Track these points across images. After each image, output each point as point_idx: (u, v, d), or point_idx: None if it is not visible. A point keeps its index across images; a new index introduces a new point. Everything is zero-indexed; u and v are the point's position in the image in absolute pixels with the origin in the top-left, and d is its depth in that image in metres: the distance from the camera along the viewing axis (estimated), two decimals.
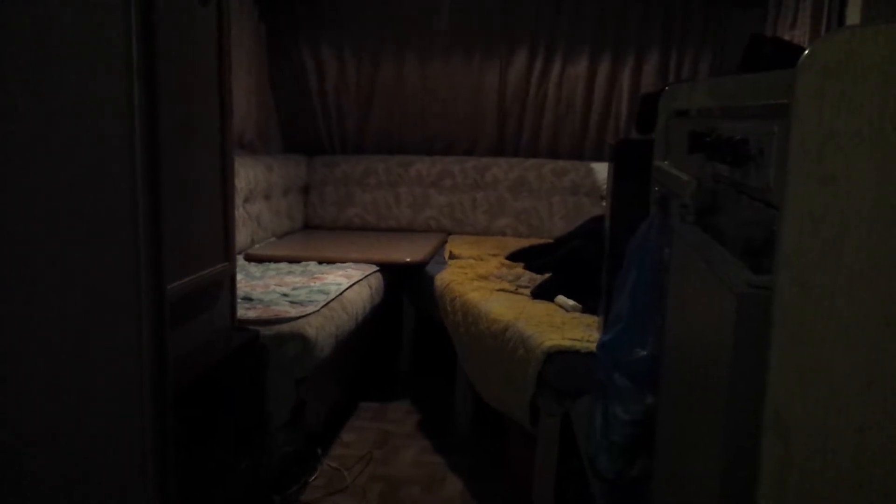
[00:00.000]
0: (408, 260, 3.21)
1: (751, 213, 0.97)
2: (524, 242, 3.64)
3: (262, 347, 2.16)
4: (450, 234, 3.95)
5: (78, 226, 1.18)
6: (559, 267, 2.71)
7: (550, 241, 3.29)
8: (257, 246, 3.38)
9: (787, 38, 3.07)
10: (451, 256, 3.27)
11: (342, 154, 4.16)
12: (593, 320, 2.27)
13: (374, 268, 3.09)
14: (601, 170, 3.86)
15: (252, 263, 3.08)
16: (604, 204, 3.85)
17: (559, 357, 2.04)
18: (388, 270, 3.17)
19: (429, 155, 4.10)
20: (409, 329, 3.47)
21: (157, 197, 1.35)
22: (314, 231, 4.00)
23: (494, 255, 3.29)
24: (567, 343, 2.06)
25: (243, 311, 2.27)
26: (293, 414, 2.25)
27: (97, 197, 1.22)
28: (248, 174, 3.28)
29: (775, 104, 0.90)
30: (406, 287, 3.35)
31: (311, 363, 2.24)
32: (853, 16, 2.63)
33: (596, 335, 2.12)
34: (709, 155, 1.21)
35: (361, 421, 2.97)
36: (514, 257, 3.18)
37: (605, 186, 3.81)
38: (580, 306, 2.42)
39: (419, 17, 3.93)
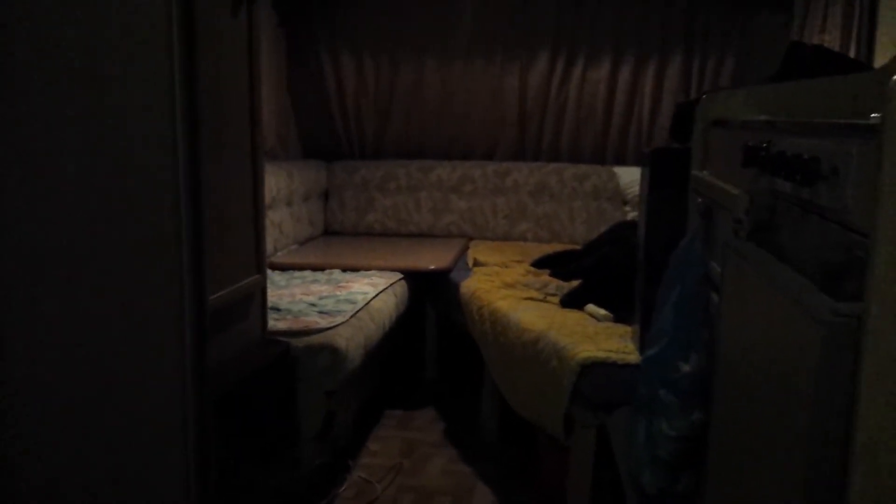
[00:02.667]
0: (432, 267, 3.19)
1: (824, 235, 0.94)
2: (547, 248, 3.62)
3: (293, 359, 2.14)
4: (471, 239, 3.92)
5: (125, 239, 1.16)
6: (588, 275, 2.68)
7: (576, 247, 3.27)
8: (280, 253, 3.36)
9: (815, 42, 3.04)
10: (476, 263, 3.25)
11: (362, 159, 4.15)
12: (626, 330, 2.25)
13: (399, 275, 3.07)
14: (623, 174, 3.83)
15: (276, 271, 3.07)
16: (626, 209, 3.83)
17: (595, 369, 2.02)
18: (412, 277, 3.15)
19: (449, 159, 4.08)
20: (432, 336, 3.45)
21: (200, 211, 1.33)
22: (335, 237, 3.99)
23: (519, 262, 3.27)
24: (602, 354, 2.04)
25: (273, 322, 2.25)
26: (323, 426, 2.23)
27: (143, 211, 1.21)
28: (269, 181, 3.26)
29: (852, 123, 0.87)
30: (430, 294, 3.33)
31: (342, 375, 2.23)
32: (886, 20, 2.59)
33: (631, 346, 2.10)
34: (767, 170, 1.18)
35: (387, 430, 2.95)
36: (539, 264, 3.16)
37: (627, 191, 3.79)
38: (612, 315, 2.39)
39: (439, 22, 3.91)
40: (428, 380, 3.47)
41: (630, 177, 3.80)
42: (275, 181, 3.33)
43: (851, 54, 2.75)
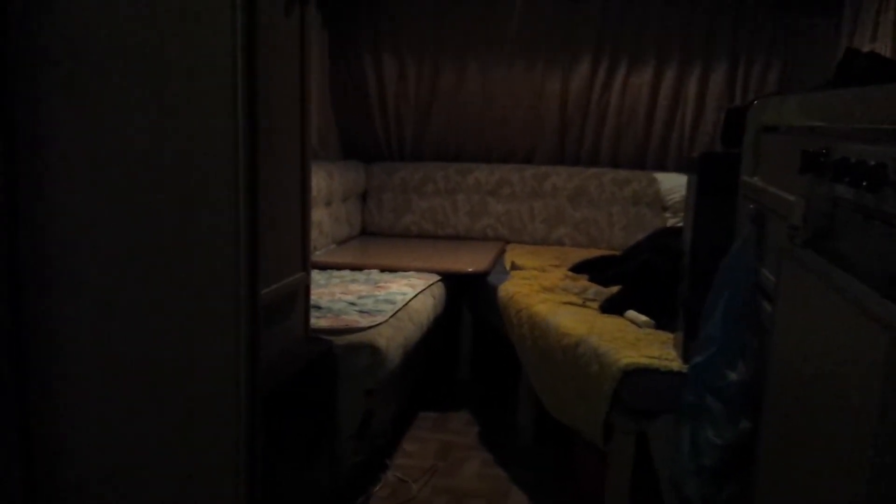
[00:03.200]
0: (470, 270, 3.19)
1: (889, 242, 0.92)
2: (585, 253, 3.60)
3: (335, 357, 2.15)
4: (507, 242, 3.92)
5: (184, 233, 1.18)
6: (629, 281, 2.66)
7: (616, 252, 3.25)
8: (318, 253, 3.39)
9: (866, 50, 2.99)
10: (514, 267, 3.24)
11: (400, 161, 4.17)
12: (668, 337, 2.23)
13: (436, 277, 3.08)
14: (664, 180, 3.80)
15: (315, 270, 3.09)
16: (666, 215, 3.79)
17: (636, 375, 2.00)
18: (449, 279, 3.16)
19: (487, 163, 4.08)
20: (467, 338, 3.45)
21: (256, 208, 1.35)
22: (372, 238, 4.01)
23: (556, 266, 3.26)
24: (645, 361, 2.02)
25: (314, 320, 2.27)
26: (362, 424, 2.24)
27: (203, 205, 1.23)
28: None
29: None
30: (466, 296, 3.33)
31: (382, 374, 2.24)
32: None
33: (672, 353, 2.08)
34: (827, 176, 1.16)
35: (422, 431, 2.95)
36: (578, 269, 3.14)
37: (667, 197, 3.75)
38: (653, 322, 2.37)
39: (481, 26, 3.92)
40: (462, 382, 3.47)
41: (671, 183, 3.77)
42: (315, 181, 3.36)
43: None
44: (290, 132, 1.96)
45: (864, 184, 0.96)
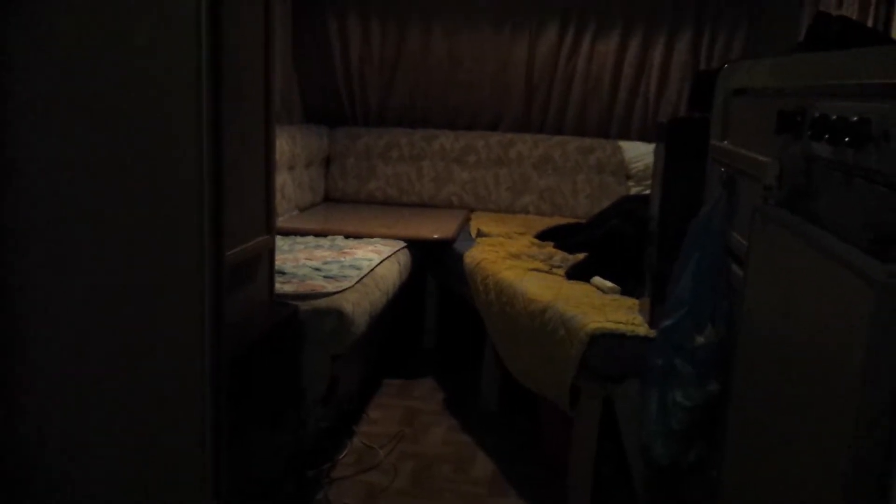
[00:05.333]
0: (436, 236, 3.16)
1: (871, 198, 0.92)
2: (550, 222, 3.60)
3: (300, 322, 2.11)
4: (472, 210, 3.89)
5: (147, 190, 1.13)
6: (595, 247, 2.66)
7: (581, 221, 3.24)
8: (282, 219, 3.32)
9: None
10: (479, 234, 3.22)
11: (364, 126, 4.09)
12: (633, 303, 2.23)
13: (402, 243, 3.04)
14: (628, 148, 3.80)
15: (278, 237, 3.03)
16: (630, 184, 3.80)
17: (603, 340, 2.00)
18: (414, 246, 3.13)
19: (452, 129, 4.03)
20: (432, 306, 3.43)
21: (220, 165, 1.30)
22: (336, 204, 3.95)
23: (522, 234, 3.25)
24: (611, 326, 2.02)
25: (279, 286, 2.22)
26: (328, 389, 2.22)
27: (166, 161, 1.17)
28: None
29: None
30: (431, 263, 3.30)
31: (348, 339, 2.20)
32: None
33: (639, 318, 2.08)
34: (804, 135, 1.16)
35: (387, 398, 2.94)
36: (543, 236, 3.13)
37: (631, 166, 3.76)
38: (619, 288, 2.37)
39: None
40: (426, 349, 3.46)
41: (634, 151, 3.78)
42: (278, 144, 3.27)
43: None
44: (253, 94, 1.89)
45: (847, 140, 0.95)
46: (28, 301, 0.98)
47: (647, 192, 3.66)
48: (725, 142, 1.78)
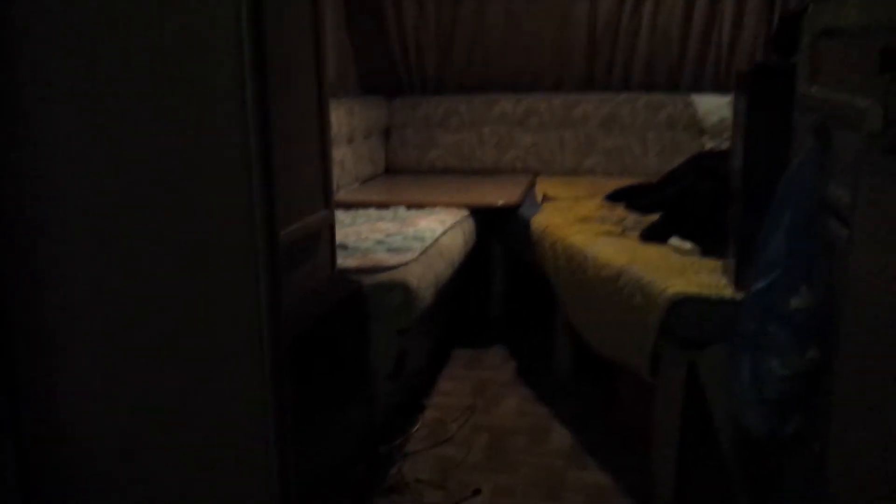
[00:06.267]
0: (500, 203, 3.06)
1: None
2: (619, 183, 3.45)
3: (365, 297, 2.06)
4: (537, 174, 3.77)
5: (191, 173, 1.07)
6: (671, 206, 2.52)
7: (651, 181, 3.08)
8: (342, 192, 3.28)
9: None
10: (545, 198, 3.11)
11: (423, 95, 4.00)
12: (716, 264, 2.10)
13: (465, 212, 2.96)
14: (700, 102, 3.60)
15: (340, 210, 2.98)
16: (704, 139, 3.61)
17: (685, 304, 1.89)
18: (479, 214, 3.04)
19: (513, 92, 3.90)
20: (499, 274, 3.35)
21: (269, 142, 1.23)
22: (397, 175, 3.88)
23: (590, 196, 3.12)
24: (694, 290, 1.90)
25: (341, 260, 2.17)
26: (396, 364, 2.17)
27: (210, 143, 1.12)
28: (330, 118, 3.16)
29: None
30: (497, 231, 3.21)
31: (414, 313, 2.14)
32: None
33: (724, 280, 1.95)
34: None
35: (457, 369, 2.88)
36: (613, 197, 3.00)
37: (705, 120, 3.57)
38: (699, 248, 2.24)
39: None
40: (495, 318, 3.38)
41: (708, 105, 3.58)
42: (335, 118, 3.22)
43: None
44: (304, 67, 1.82)
45: None
46: (71, 298, 0.94)
47: (724, 147, 3.49)
48: (815, 88, 1.62)
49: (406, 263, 2.22)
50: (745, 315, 1.53)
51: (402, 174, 3.90)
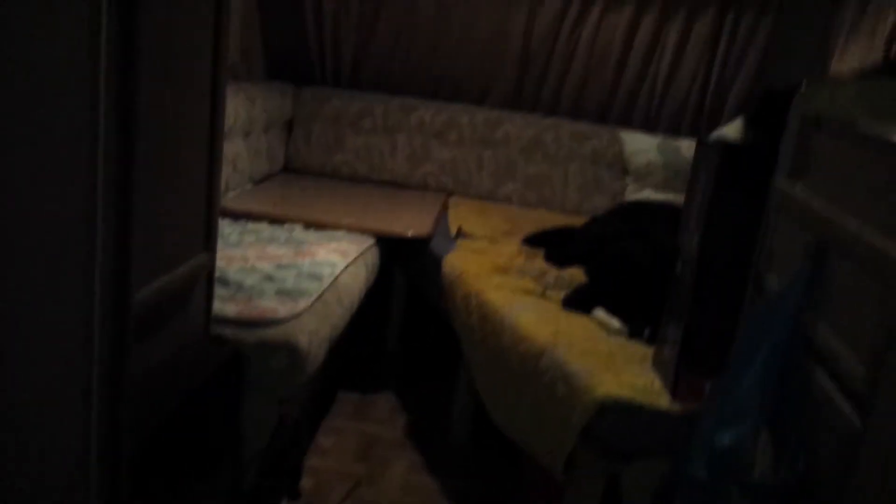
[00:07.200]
0: (410, 234, 2.74)
1: None
2: (535, 215, 3.22)
3: (243, 361, 1.70)
4: (450, 194, 3.47)
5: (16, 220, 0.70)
6: (597, 270, 2.28)
7: (572, 224, 2.84)
8: (232, 194, 2.86)
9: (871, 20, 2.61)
10: (460, 233, 2.81)
11: (335, 87, 3.60)
12: (646, 352, 1.87)
13: (371, 240, 2.62)
14: (629, 140, 3.40)
15: (227, 219, 2.57)
16: (627, 180, 3.41)
17: (615, 411, 1.64)
18: (385, 242, 2.71)
19: (434, 99, 3.56)
20: (398, 306, 3.04)
21: (128, 162, 0.86)
22: (296, 177, 3.47)
23: (507, 234, 2.85)
24: (626, 393, 1.66)
25: (220, 304, 1.79)
26: (272, 438, 1.82)
27: (49, 176, 0.73)
28: (227, 107, 2.71)
29: None
30: (402, 261, 2.89)
31: (300, 379, 1.80)
32: None
33: (656, 381, 1.72)
34: None
35: (341, 419, 2.55)
36: (531, 241, 2.74)
37: (631, 160, 3.37)
38: (625, 329, 2.01)
39: None
40: (389, 354, 3.07)
41: (635, 144, 3.38)
42: (233, 107, 2.79)
43: None
44: (197, 50, 1.43)
45: None
46: None
47: (647, 194, 3.30)
48: (799, 187, 1.40)
49: (298, 315, 1.86)
50: (694, 462, 1.28)
51: (302, 175, 3.50)
